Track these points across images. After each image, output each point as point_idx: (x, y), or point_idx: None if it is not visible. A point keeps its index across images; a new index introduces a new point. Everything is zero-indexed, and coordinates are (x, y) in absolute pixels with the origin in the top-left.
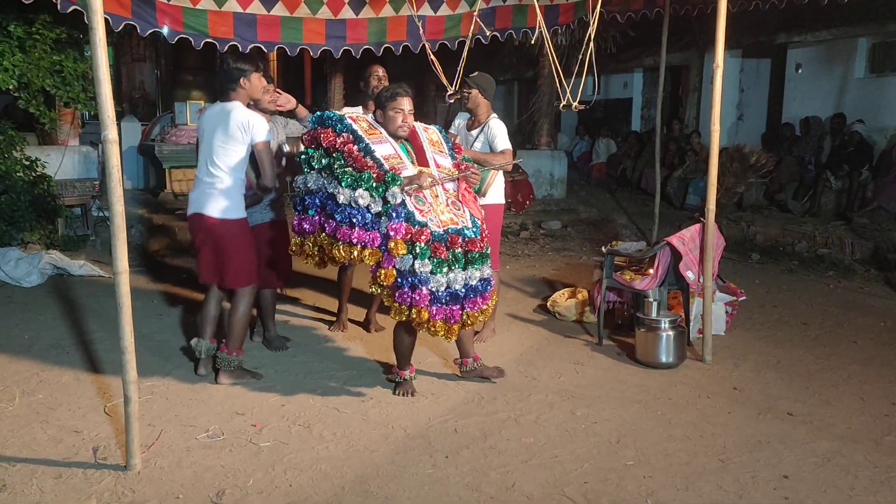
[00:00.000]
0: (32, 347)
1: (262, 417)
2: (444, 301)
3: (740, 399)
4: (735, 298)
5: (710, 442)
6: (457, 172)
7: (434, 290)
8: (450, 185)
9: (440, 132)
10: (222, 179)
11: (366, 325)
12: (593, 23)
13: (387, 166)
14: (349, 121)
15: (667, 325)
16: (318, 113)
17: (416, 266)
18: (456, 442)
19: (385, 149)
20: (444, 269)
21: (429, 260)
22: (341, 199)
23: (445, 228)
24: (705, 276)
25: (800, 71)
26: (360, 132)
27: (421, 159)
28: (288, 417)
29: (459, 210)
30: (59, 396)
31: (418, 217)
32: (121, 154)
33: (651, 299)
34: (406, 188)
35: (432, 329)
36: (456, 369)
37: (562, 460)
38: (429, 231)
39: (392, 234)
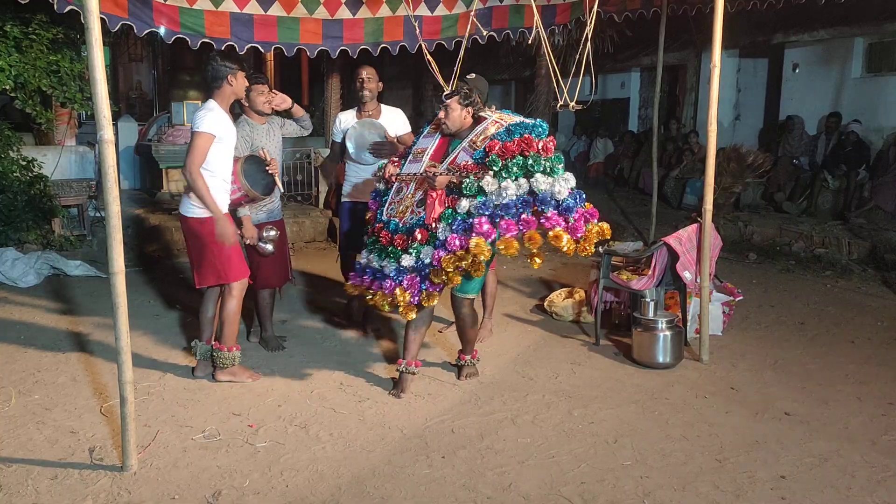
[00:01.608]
0: (29, 348)
1: (259, 418)
2: (365, 273)
3: (737, 399)
4: (732, 298)
5: (708, 442)
6: (417, 175)
7: (363, 261)
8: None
9: (506, 131)
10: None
11: (363, 324)
12: (590, 22)
13: (407, 158)
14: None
15: (664, 326)
16: None
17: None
18: (453, 442)
19: (425, 142)
20: (370, 248)
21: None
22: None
23: (390, 219)
24: (702, 275)
25: (797, 71)
26: (426, 129)
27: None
28: (284, 418)
29: (421, 208)
30: (56, 397)
31: (385, 208)
32: (117, 154)
33: (648, 299)
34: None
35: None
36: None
37: (559, 460)
38: (375, 214)
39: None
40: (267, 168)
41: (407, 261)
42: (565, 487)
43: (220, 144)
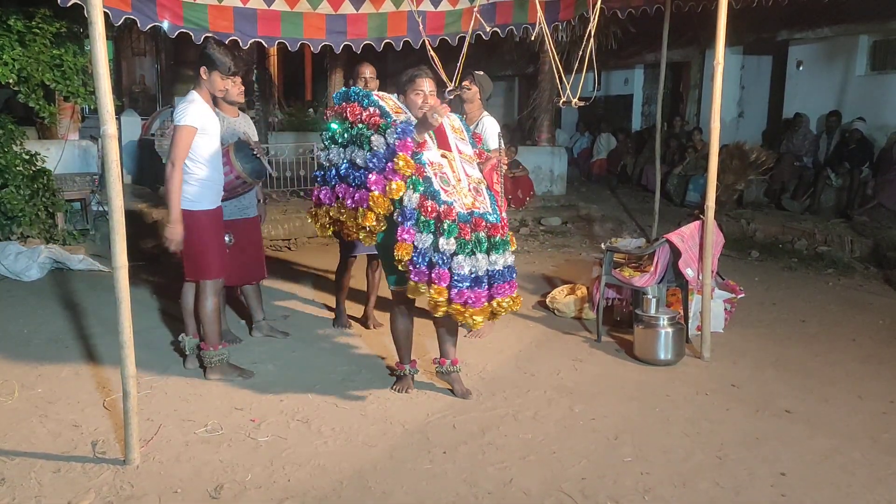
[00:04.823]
0: (32, 341)
1: (261, 412)
2: (465, 285)
3: (738, 396)
4: (734, 296)
5: (708, 439)
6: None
7: (455, 272)
8: (472, 172)
9: (461, 120)
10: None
11: (364, 321)
12: (594, 19)
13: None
14: (375, 97)
15: (665, 322)
16: (343, 89)
17: (441, 243)
18: (454, 438)
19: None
20: (468, 250)
21: (454, 240)
22: (359, 161)
23: (470, 211)
24: (704, 273)
25: (801, 68)
26: (387, 108)
27: (443, 144)
28: (287, 412)
29: (481, 196)
30: (59, 390)
31: (444, 196)
32: (120, 148)
33: (650, 296)
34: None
35: (453, 312)
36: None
37: (560, 457)
38: (455, 210)
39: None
40: (254, 153)
41: (510, 258)
42: (566, 483)
43: (205, 136)
